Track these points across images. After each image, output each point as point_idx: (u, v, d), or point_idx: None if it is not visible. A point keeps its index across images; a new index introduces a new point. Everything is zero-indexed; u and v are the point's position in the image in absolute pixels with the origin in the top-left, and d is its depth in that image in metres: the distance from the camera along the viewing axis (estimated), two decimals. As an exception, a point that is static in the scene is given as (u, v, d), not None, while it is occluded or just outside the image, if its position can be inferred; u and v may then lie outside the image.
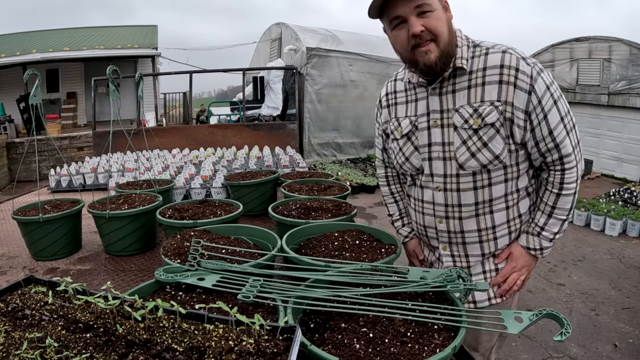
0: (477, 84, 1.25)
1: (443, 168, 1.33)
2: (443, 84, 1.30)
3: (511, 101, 1.21)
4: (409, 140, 1.40)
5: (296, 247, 1.37)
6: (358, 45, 9.92)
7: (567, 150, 1.26)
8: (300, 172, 2.63)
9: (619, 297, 4.11)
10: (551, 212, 1.32)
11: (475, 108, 1.24)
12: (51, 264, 1.70)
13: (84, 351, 0.72)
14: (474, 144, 1.26)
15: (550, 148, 1.26)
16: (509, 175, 1.31)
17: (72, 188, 2.95)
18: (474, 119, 1.25)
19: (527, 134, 1.25)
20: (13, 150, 9.94)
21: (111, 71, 1.78)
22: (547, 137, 1.24)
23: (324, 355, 0.75)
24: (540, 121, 1.23)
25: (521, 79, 1.20)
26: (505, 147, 1.26)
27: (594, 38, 9.23)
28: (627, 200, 6.68)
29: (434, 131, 1.33)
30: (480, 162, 1.27)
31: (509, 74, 1.21)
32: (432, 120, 1.33)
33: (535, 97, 1.21)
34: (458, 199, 1.33)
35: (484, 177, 1.30)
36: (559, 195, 1.30)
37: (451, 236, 1.38)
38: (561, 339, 0.80)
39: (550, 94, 1.22)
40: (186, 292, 1.04)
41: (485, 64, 1.24)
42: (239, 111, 10.89)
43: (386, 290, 0.97)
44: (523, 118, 1.22)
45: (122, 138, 2.13)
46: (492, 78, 1.23)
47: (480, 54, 1.26)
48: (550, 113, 1.22)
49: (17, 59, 11.45)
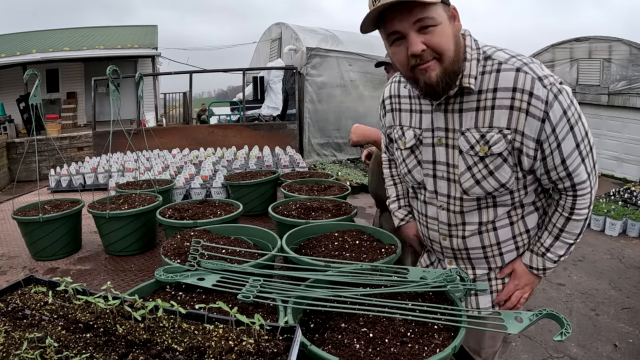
0: (487, 107, 1.13)
1: (447, 189, 1.26)
2: (449, 100, 1.18)
3: (522, 130, 1.10)
4: (413, 153, 1.32)
5: (296, 247, 1.37)
6: (358, 45, 9.92)
7: (580, 179, 1.16)
8: (300, 172, 2.63)
9: (619, 297, 4.11)
10: (559, 234, 1.24)
11: (482, 134, 1.14)
12: (51, 264, 1.70)
13: (84, 351, 0.72)
14: (480, 172, 1.17)
15: (562, 177, 1.16)
16: (515, 199, 1.23)
17: (72, 188, 2.96)
18: (480, 145, 1.14)
19: (536, 162, 1.14)
20: (13, 150, 9.95)
21: (111, 71, 1.78)
22: (559, 167, 1.14)
23: (324, 355, 0.75)
24: (553, 150, 1.12)
25: (534, 105, 1.07)
26: (513, 174, 1.17)
27: (594, 38, 9.24)
28: (627, 200, 6.68)
29: (439, 150, 1.24)
30: (485, 189, 1.19)
31: (521, 99, 1.08)
32: (437, 138, 1.23)
33: (549, 125, 1.08)
34: (462, 219, 1.27)
35: (488, 202, 1.23)
36: (568, 219, 1.22)
37: (456, 253, 1.33)
38: (561, 339, 0.80)
39: (567, 120, 1.09)
40: (186, 292, 1.04)
41: (497, 84, 1.11)
42: (239, 111, 10.89)
43: (386, 290, 0.97)
44: (533, 147, 1.11)
45: (122, 138, 2.13)
46: (502, 102, 1.10)
47: (491, 70, 1.12)
48: (565, 141, 1.11)
49: (17, 59, 11.45)
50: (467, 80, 1.11)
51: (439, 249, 1.37)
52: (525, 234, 1.29)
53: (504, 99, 1.10)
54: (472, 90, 1.13)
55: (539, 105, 1.07)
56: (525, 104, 1.07)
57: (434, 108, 1.21)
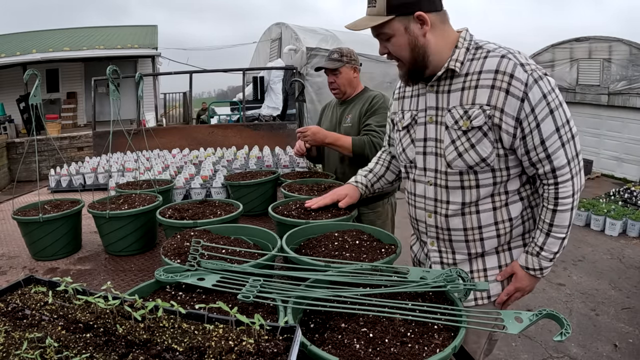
0: (471, 87, 1.26)
1: (435, 163, 1.36)
2: (440, 82, 1.33)
3: (500, 107, 1.20)
4: (408, 132, 1.45)
5: (296, 247, 1.37)
6: (358, 45, 9.87)
7: (559, 163, 1.22)
8: (300, 172, 2.62)
9: (619, 297, 4.11)
10: (549, 230, 1.28)
11: (465, 110, 1.26)
12: (51, 264, 1.70)
13: (84, 351, 0.72)
14: (462, 145, 1.28)
15: (542, 158, 1.23)
16: (497, 179, 1.30)
17: (72, 188, 2.95)
18: (463, 120, 1.26)
19: (516, 141, 1.23)
20: (13, 150, 9.95)
21: (111, 71, 1.78)
22: (539, 147, 1.21)
23: (324, 355, 0.75)
24: (532, 129, 1.20)
25: (514, 86, 1.18)
26: (494, 151, 1.26)
27: (594, 38, 9.25)
28: (627, 200, 6.69)
29: (429, 127, 1.37)
30: (466, 162, 1.28)
31: (502, 80, 1.20)
32: (429, 116, 1.37)
33: (528, 105, 1.18)
34: (447, 195, 1.35)
35: (470, 178, 1.30)
36: (554, 211, 1.26)
37: (438, 232, 1.40)
38: (561, 339, 0.80)
39: (547, 103, 1.19)
40: (186, 292, 1.04)
41: (482, 67, 1.24)
42: (239, 111, 10.89)
43: (386, 290, 0.97)
44: (513, 125, 1.21)
45: (122, 138, 2.13)
46: (485, 82, 1.23)
47: (480, 57, 1.26)
48: (544, 122, 1.19)
49: (17, 59, 11.45)
50: (453, 64, 1.27)
51: (423, 228, 1.46)
52: (507, 222, 1.33)
53: (486, 79, 1.23)
54: (459, 73, 1.28)
55: (518, 86, 1.18)
56: (506, 84, 1.19)
57: (427, 90, 1.37)
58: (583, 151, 1.32)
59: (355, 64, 2.58)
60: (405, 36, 1.25)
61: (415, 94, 1.45)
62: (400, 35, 1.25)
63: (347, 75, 2.57)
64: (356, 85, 2.62)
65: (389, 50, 1.29)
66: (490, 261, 1.40)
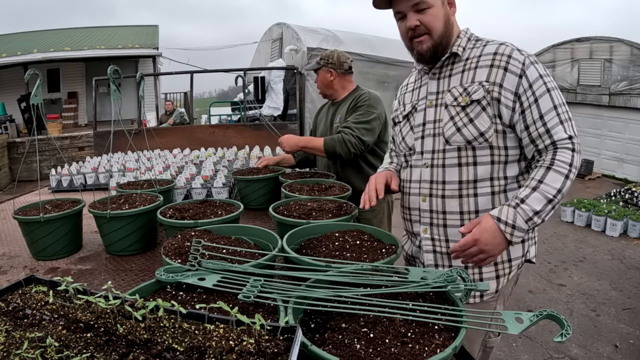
0: (471, 68, 1.34)
1: (432, 144, 1.39)
2: (442, 69, 1.41)
3: (499, 82, 1.27)
4: (408, 121, 1.50)
5: (297, 247, 1.37)
6: (358, 45, 9.91)
7: (559, 137, 1.21)
8: (300, 172, 2.62)
9: (619, 297, 4.10)
10: (536, 186, 1.16)
11: (465, 87, 1.32)
12: (52, 263, 1.70)
13: (85, 351, 0.72)
14: (461, 120, 1.32)
15: (542, 133, 1.22)
16: (495, 157, 1.31)
17: (73, 188, 2.95)
18: (462, 97, 1.32)
19: (515, 115, 1.26)
20: (14, 150, 9.96)
21: (112, 71, 1.78)
22: (538, 121, 1.23)
23: (325, 356, 0.75)
24: (531, 104, 1.24)
25: (512, 64, 1.26)
26: (492, 126, 1.29)
27: (595, 38, 9.23)
28: (628, 200, 6.67)
29: (429, 111, 1.42)
30: (465, 137, 1.31)
31: (500, 59, 1.28)
32: (429, 101, 1.42)
33: (526, 80, 1.24)
34: (443, 175, 1.36)
35: (468, 154, 1.32)
36: (548, 169, 1.18)
37: (433, 216, 1.40)
38: (561, 340, 0.80)
39: (544, 82, 1.24)
40: (187, 292, 1.04)
41: (482, 52, 1.34)
42: (239, 111, 10.90)
43: (387, 290, 0.97)
44: (512, 99, 1.26)
45: (123, 138, 2.13)
46: (484, 63, 1.31)
47: (479, 46, 1.36)
48: (542, 98, 1.23)
49: (18, 58, 11.46)
50: (456, 48, 1.37)
51: (416, 216, 1.46)
52: None
53: (485, 60, 1.32)
54: (460, 58, 1.37)
55: (516, 64, 1.26)
56: (504, 62, 1.27)
57: (430, 77, 1.43)
58: (584, 151, 1.31)
59: (332, 67, 2.53)
60: (442, 9, 1.33)
61: (417, 86, 1.51)
62: (438, 7, 1.32)
63: (323, 78, 2.59)
64: (340, 88, 2.60)
65: (421, 21, 1.32)
66: None
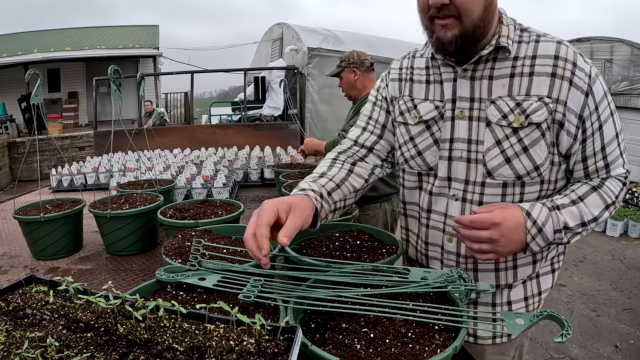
0: (524, 73, 0.99)
1: (466, 172, 1.06)
2: (478, 66, 1.04)
3: (564, 100, 0.97)
4: (429, 129, 1.12)
5: (297, 247, 1.37)
6: (359, 45, 9.89)
7: (617, 172, 1.04)
8: (301, 173, 2.63)
9: (620, 298, 4.10)
10: (576, 201, 1.01)
11: (518, 102, 0.99)
12: (52, 263, 1.71)
13: (85, 350, 0.72)
14: (511, 147, 1.00)
15: (600, 168, 1.02)
16: (542, 193, 1.05)
17: (73, 188, 2.96)
18: (515, 115, 0.99)
19: (575, 144, 1.00)
20: (14, 149, 9.97)
21: (112, 71, 1.78)
22: (599, 154, 1.01)
23: (325, 356, 0.75)
24: (595, 132, 0.99)
25: (578, 76, 0.96)
26: (549, 156, 1.01)
27: (595, 38, 9.24)
28: (629, 201, 6.68)
29: (459, 124, 1.06)
30: (516, 170, 1.01)
31: (564, 67, 0.97)
32: (459, 109, 1.06)
33: (592, 101, 0.97)
34: None
35: (515, 192, 1.03)
36: (594, 189, 1.02)
37: (460, 260, 1.12)
38: (562, 341, 0.80)
39: (608, 103, 1.00)
40: (187, 292, 1.04)
41: (535, 51, 1.00)
42: (240, 111, 10.90)
43: (387, 290, 0.97)
44: (575, 124, 0.98)
45: (124, 138, 2.13)
46: (543, 69, 0.98)
47: (529, 40, 1.02)
48: (607, 124, 0.99)
49: (19, 58, 11.48)
50: (504, 40, 1.00)
51: (437, 254, 1.17)
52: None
53: (544, 65, 0.98)
54: (508, 56, 1.01)
55: (582, 77, 0.97)
56: (569, 72, 0.96)
57: (459, 74, 1.05)
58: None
59: (354, 67, 2.62)
60: None
61: (434, 79, 1.12)
62: None
63: (347, 79, 2.69)
64: (362, 87, 2.67)
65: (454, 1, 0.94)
66: (515, 293, 1.15)
